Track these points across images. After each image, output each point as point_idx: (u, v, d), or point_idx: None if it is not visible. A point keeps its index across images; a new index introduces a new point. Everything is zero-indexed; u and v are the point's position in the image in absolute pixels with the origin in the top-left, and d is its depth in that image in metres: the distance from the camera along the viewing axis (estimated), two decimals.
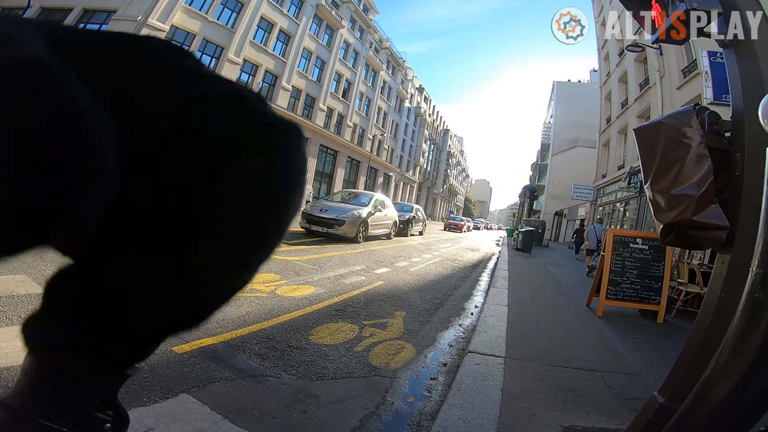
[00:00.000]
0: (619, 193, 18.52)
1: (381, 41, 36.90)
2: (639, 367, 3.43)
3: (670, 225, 1.62)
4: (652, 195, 1.67)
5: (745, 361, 0.90)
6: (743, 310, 0.93)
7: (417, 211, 17.01)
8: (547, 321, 4.67)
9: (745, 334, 0.91)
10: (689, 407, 1.05)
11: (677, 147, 1.56)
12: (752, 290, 0.91)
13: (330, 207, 10.42)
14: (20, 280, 3.41)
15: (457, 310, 5.04)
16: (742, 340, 0.92)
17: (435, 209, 63.29)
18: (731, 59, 1.41)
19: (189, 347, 2.67)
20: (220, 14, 20.15)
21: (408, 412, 2.33)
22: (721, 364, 0.96)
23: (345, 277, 5.79)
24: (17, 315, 2.69)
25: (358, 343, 3.27)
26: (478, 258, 12.39)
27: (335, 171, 31.59)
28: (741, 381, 0.90)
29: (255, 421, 1.96)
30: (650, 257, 5.69)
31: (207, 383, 2.24)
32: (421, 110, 49.70)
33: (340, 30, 29.35)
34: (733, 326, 0.95)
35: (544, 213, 36.66)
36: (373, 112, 36.29)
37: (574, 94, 40.68)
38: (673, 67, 13.88)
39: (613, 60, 21.91)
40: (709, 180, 1.46)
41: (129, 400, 1.92)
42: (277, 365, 2.64)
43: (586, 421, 2.31)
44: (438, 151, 64.45)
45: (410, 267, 7.81)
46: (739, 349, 0.92)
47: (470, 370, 2.88)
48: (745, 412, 0.93)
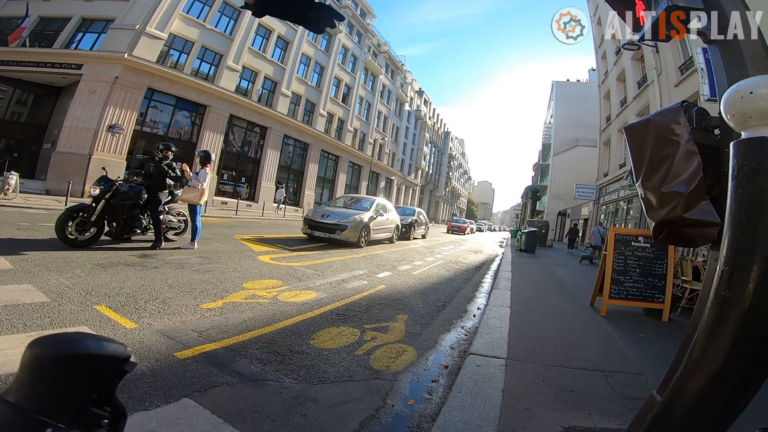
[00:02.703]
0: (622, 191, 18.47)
1: (379, 45, 37.04)
2: (643, 367, 3.41)
3: (662, 222, 1.62)
4: (644, 193, 1.68)
5: (717, 359, 0.90)
6: (710, 309, 0.94)
7: (419, 214, 17.01)
8: (549, 321, 4.66)
9: (713, 332, 0.92)
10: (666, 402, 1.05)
11: (666, 144, 1.57)
12: (719, 288, 0.92)
13: (332, 212, 10.44)
14: (25, 289, 3.45)
15: (459, 313, 5.04)
16: (711, 338, 0.92)
17: (438, 212, 63.23)
18: (716, 56, 1.42)
19: (191, 352, 2.70)
20: (218, 22, 20.24)
21: (408, 415, 2.34)
22: (693, 360, 0.96)
23: (347, 281, 5.81)
24: (22, 323, 2.73)
25: (359, 347, 3.28)
26: (481, 260, 12.36)
27: (337, 176, 31.66)
28: (714, 378, 0.91)
29: (255, 425, 1.97)
30: (653, 255, 5.67)
31: (208, 388, 2.26)
32: (421, 113, 49.77)
33: (338, 35, 29.48)
34: (702, 325, 0.96)
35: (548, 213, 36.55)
36: (374, 116, 36.38)
37: (574, 93, 40.65)
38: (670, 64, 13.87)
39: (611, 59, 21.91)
40: (698, 177, 1.47)
41: (132, 405, 1.95)
42: (278, 369, 2.66)
43: (588, 421, 2.31)
44: (439, 154, 64.48)
45: (412, 270, 7.81)
46: (709, 348, 0.92)
47: (471, 371, 2.89)
48: (722, 408, 0.93)
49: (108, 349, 0.49)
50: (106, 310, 3.24)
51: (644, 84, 16.61)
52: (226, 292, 4.31)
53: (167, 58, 18.17)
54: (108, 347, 0.50)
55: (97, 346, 0.49)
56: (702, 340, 0.95)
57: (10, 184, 10.90)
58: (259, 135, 23.37)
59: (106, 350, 0.49)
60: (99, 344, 0.49)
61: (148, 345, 2.73)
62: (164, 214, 6.65)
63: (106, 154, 15.38)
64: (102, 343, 0.50)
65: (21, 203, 10.22)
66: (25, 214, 8.55)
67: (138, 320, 3.14)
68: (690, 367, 0.97)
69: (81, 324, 2.91)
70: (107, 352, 0.49)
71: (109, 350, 0.50)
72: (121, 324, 3.02)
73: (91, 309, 3.22)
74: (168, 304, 3.63)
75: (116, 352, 0.50)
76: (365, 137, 35.42)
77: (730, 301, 0.88)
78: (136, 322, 3.11)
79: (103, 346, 0.49)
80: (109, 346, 0.50)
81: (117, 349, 0.50)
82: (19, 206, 9.65)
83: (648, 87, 16.02)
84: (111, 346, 0.50)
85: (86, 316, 3.07)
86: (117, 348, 0.50)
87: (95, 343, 0.49)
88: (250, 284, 4.80)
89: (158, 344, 2.76)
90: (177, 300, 3.80)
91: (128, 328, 2.96)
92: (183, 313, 3.47)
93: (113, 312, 3.23)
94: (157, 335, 2.92)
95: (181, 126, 19.28)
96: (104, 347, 0.49)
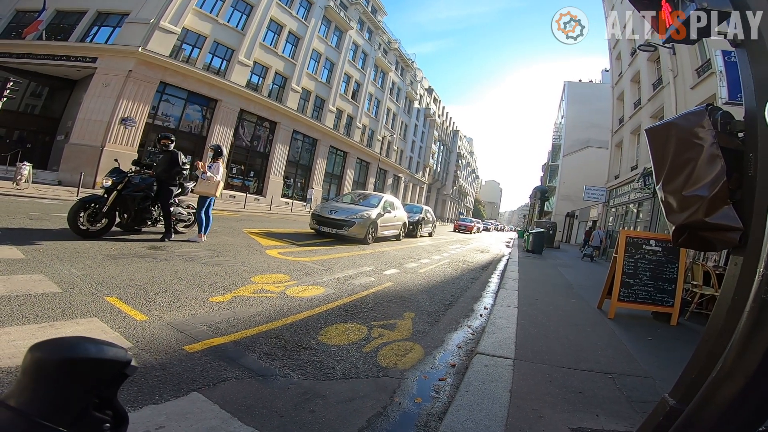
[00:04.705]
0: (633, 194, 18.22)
1: (389, 42, 36.91)
2: (651, 370, 3.38)
3: (682, 226, 1.59)
4: (664, 196, 1.64)
5: (753, 363, 0.88)
6: (750, 311, 0.91)
7: (426, 212, 16.97)
8: (557, 323, 4.62)
9: (753, 335, 0.90)
10: (696, 408, 1.03)
11: (689, 148, 1.54)
12: (759, 291, 0.89)
13: (339, 208, 10.45)
14: (37, 279, 3.50)
15: (466, 312, 5.02)
16: (750, 342, 0.90)
17: (445, 210, 63.04)
18: (743, 59, 1.38)
19: (200, 346, 2.72)
20: (230, 16, 20.34)
21: (415, 413, 2.33)
22: (728, 365, 0.94)
23: (354, 278, 5.81)
24: (33, 314, 2.76)
25: (367, 344, 3.28)
26: (488, 259, 12.31)
27: (345, 172, 31.70)
28: (748, 383, 0.89)
29: (263, 420, 1.98)
30: (664, 259, 5.60)
31: (217, 382, 2.28)
32: (430, 111, 49.55)
33: (349, 31, 29.43)
34: (741, 327, 0.93)
35: (556, 214, 36.27)
36: (383, 113, 36.31)
37: (586, 94, 40.18)
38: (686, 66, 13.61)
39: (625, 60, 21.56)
40: (721, 181, 1.43)
41: (141, 398, 1.97)
42: (286, 365, 2.67)
43: (596, 423, 2.29)
44: (447, 152, 64.20)
45: (419, 268, 7.80)
46: (747, 351, 0.90)
47: (478, 371, 2.87)
48: (752, 414, 0.91)
49: (109, 354, 0.50)
50: (117, 302, 3.27)
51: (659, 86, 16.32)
52: (234, 285, 4.34)
53: (180, 53, 18.33)
54: (109, 351, 0.50)
55: (98, 350, 0.49)
56: (739, 345, 0.93)
57: (23, 175, 11.07)
58: (269, 130, 23.47)
59: (106, 354, 0.50)
60: (99, 348, 0.50)
61: (157, 338, 2.75)
62: (174, 206, 6.71)
63: (118, 147, 15.55)
64: (103, 347, 0.50)
65: (34, 194, 10.38)
66: (38, 204, 8.67)
67: (148, 312, 3.17)
68: (725, 371, 0.95)
69: (92, 315, 2.94)
70: (108, 356, 0.50)
71: (110, 354, 0.50)
72: (131, 316, 3.04)
73: (102, 300, 3.26)
74: (177, 297, 3.66)
75: (117, 356, 0.50)
76: (374, 134, 35.39)
77: None
78: (146, 314, 3.13)
79: (104, 350, 0.50)
80: (109, 350, 0.50)
81: (118, 353, 0.51)
82: (31, 196, 9.80)
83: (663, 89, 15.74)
84: (112, 350, 0.51)
85: (97, 307, 3.10)
86: (118, 352, 0.51)
87: (96, 347, 0.49)
88: (259, 278, 4.83)
89: (168, 337, 2.79)
90: (186, 292, 3.83)
91: (138, 320, 2.98)
92: (192, 306, 3.49)
93: (124, 303, 3.26)
94: (166, 328, 2.94)
95: (192, 120, 19.43)
96: (105, 351, 0.50)
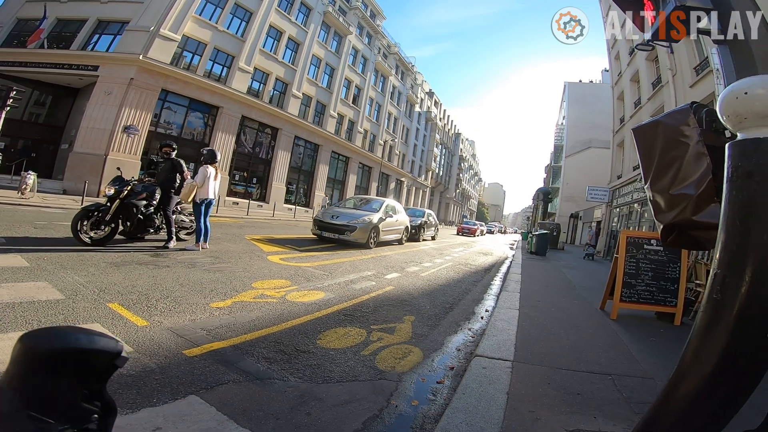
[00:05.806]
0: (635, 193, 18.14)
1: (389, 46, 37.07)
2: (653, 371, 3.36)
3: (670, 225, 1.59)
4: (652, 195, 1.65)
5: (708, 364, 0.88)
6: (703, 312, 0.92)
7: (429, 216, 16.97)
8: (558, 324, 4.61)
9: (705, 336, 0.90)
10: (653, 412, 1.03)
11: (675, 146, 1.54)
12: (711, 291, 0.90)
13: (341, 213, 10.48)
14: (41, 286, 3.54)
15: (467, 314, 5.02)
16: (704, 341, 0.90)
17: (448, 214, 62.94)
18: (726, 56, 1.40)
19: (199, 350, 2.74)
20: (230, 23, 20.51)
21: (411, 416, 2.34)
22: (684, 367, 0.95)
23: (355, 282, 5.83)
24: (37, 320, 2.80)
25: (366, 347, 3.29)
26: (491, 262, 12.28)
27: (347, 177, 31.78)
28: (703, 385, 0.89)
29: (259, 422, 2.00)
30: (666, 258, 5.57)
31: (215, 385, 2.30)
32: (431, 114, 49.63)
33: (348, 36, 29.60)
34: (694, 327, 0.94)
35: (559, 215, 36.14)
36: (384, 117, 36.42)
37: (586, 94, 40.12)
38: (685, 65, 13.59)
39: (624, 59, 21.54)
40: (708, 179, 1.43)
41: (140, 401, 1.99)
42: (284, 368, 2.68)
43: (593, 425, 2.28)
44: (450, 156, 64.22)
45: (421, 272, 7.80)
46: (701, 350, 0.91)
47: (477, 373, 2.87)
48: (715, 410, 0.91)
49: (99, 344, 0.49)
50: (119, 308, 3.31)
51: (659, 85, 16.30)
52: (235, 291, 4.36)
53: (180, 60, 18.48)
54: (99, 342, 0.49)
55: (88, 340, 0.48)
56: (695, 343, 0.94)
57: (27, 184, 11.19)
58: (270, 136, 23.60)
59: (96, 345, 0.48)
60: (90, 338, 0.48)
61: (158, 342, 2.78)
62: (177, 213, 6.76)
63: (121, 155, 15.69)
64: (93, 338, 0.49)
65: (38, 202, 10.49)
66: (43, 213, 8.77)
67: (149, 318, 3.20)
68: (683, 369, 0.96)
69: (94, 321, 2.97)
70: (98, 347, 0.48)
71: (100, 345, 0.49)
72: (132, 321, 3.08)
73: (104, 306, 3.29)
74: (179, 303, 3.69)
75: (107, 346, 0.49)
76: (375, 138, 35.47)
77: (722, 304, 0.87)
78: (147, 319, 3.17)
79: (94, 341, 0.49)
80: (100, 340, 0.49)
81: (108, 344, 0.49)
82: (36, 205, 9.90)
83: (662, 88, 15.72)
84: (102, 340, 0.49)
85: (99, 313, 3.14)
86: (108, 342, 0.50)
87: (86, 338, 0.48)
88: (260, 284, 4.85)
89: (168, 342, 2.81)
90: (187, 298, 3.87)
91: (139, 326, 3.02)
92: (193, 312, 3.52)
93: (125, 309, 3.30)
94: (167, 333, 2.97)
95: (194, 127, 19.58)
96: (95, 341, 0.49)
